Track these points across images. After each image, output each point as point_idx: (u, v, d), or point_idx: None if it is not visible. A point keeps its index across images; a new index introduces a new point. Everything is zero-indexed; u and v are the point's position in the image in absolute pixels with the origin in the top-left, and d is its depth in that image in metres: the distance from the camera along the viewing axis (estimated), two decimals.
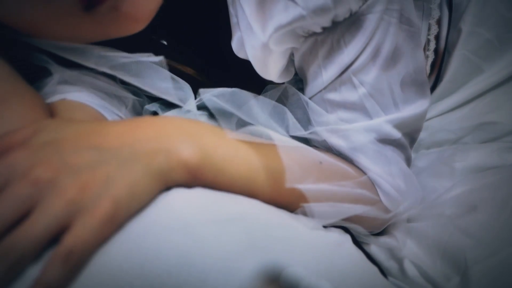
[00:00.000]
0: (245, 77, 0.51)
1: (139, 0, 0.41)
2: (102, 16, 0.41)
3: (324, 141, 0.48)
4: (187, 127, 0.38)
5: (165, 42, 0.59)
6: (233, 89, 0.48)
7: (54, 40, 0.45)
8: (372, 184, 0.48)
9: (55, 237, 0.29)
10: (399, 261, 0.48)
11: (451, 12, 0.62)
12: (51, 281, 0.28)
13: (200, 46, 0.58)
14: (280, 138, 0.43)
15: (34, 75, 0.48)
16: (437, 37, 0.63)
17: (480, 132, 0.64)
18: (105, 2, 0.40)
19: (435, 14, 0.61)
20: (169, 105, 0.51)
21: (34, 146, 0.32)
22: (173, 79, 0.51)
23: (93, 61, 0.46)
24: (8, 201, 0.29)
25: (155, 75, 0.48)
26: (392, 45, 0.46)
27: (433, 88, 0.66)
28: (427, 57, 0.63)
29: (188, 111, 0.50)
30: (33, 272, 0.28)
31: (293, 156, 0.42)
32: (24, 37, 0.44)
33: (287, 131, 0.49)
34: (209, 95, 0.46)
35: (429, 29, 0.61)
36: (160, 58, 0.48)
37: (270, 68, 0.47)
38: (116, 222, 0.31)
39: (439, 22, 0.62)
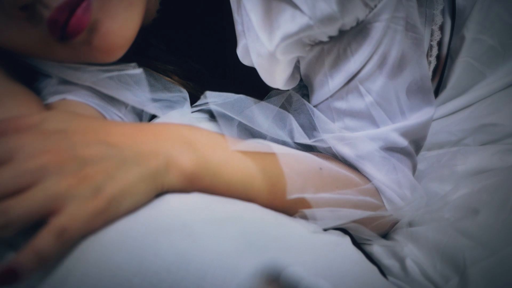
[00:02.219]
0: (248, 83, 0.51)
1: (108, 36, 0.42)
2: (76, 46, 0.42)
3: (330, 148, 0.48)
4: (185, 133, 0.39)
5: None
6: (239, 95, 0.48)
7: (37, 59, 0.47)
8: (376, 191, 0.48)
9: (44, 217, 0.30)
10: (401, 260, 0.48)
11: (454, 18, 0.62)
12: (42, 248, 0.29)
13: (202, 53, 0.58)
14: (279, 147, 0.43)
15: (34, 76, 0.49)
16: (439, 43, 0.63)
17: (480, 134, 0.64)
18: (77, 36, 0.41)
19: (438, 20, 0.61)
20: (169, 107, 0.51)
21: (44, 132, 0.34)
22: (166, 86, 0.51)
23: (76, 77, 0.47)
24: (13, 172, 0.31)
25: (135, 85, 0.49)
26: (398, 52, 0.46)
27: (435, 94, 0.66)
28: (429, 63, 0.63)
29: (187, 113, 0.50)
30: None
31: (292, 164, 0.42)
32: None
33: (291, 138, 0.49)
34: (212, 104, 0.46)
35: (431, 35, 0.61)
36: (140, 70, 0.48)
37: (276, 76, 0.47)
38: (106, 218, 0.32)
39: (441, 28, 0.62)
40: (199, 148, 0.38)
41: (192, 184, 0.37)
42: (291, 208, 0.42)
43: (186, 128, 0.40)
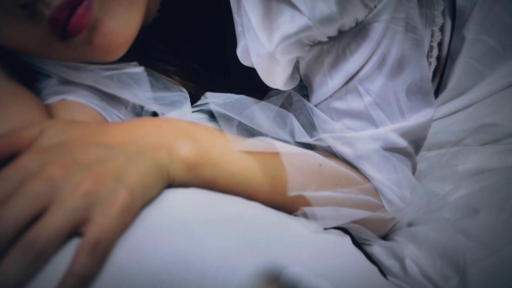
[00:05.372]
0: (248, 84, 0.51)
1: (109, 35, 0.42)
2: (77, 45, 0.42)
3: (329, 147, 0.49)
4: (184, 125, 0.39)
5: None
6: (240, 96, 0.48)
7: (37, 58, 0.47)
8: (376, 191, 0.48)
9: (74, 231, 0.30)
10: (401, 260, 0.48)
11: (454, 19, 0.62)
12: (81, 271, 0.28)
13: (202, 53, 0.58)
14: (280, 145, 0.43)
15: (34, 77, 0.49)
16: (440, 44, 0.63)
17: (480, 134, 0.65)
18: (77, 35, 0.41)
19: (439, 21, 0.61)
20: (169, 105, 0.51)
21: (43, 149, 0.33)
22: (166, 86, 0.51)
23: (77, 76, 0.47)
24: (24, 198, 0.30)
25: (135, 85, 0.49)
26: (398, 53, 0.46)
27: (435, 94, 0.66)
28: (430, 64, 0.63)
29: (187, 113, 0.50)
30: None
31: (292, 161, 0.42)
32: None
33: (292, 137, 0.49)
34: (212, 104, 0.46)
35: (432, 36, 0.61)
36: (141, 69, 0.49)
37: (276, 76, 0.47)
38: (133, 211, 0.32)
39: (442, 29, 0.62)
40: (199, 139, 0.38)
41: (195, 174, 0.37)
42: (291, 204, 0.42)
43: (185, 122, 0.40)
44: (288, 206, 0.42)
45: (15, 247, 0.28)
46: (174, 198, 0.35)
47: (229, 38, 0.49)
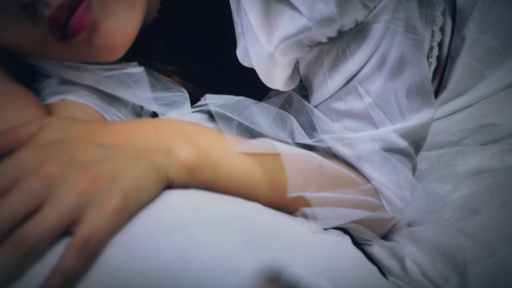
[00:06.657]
0: (248, 84, 0.51)
1: (109, 35, 0.43)
2: (77, 46, 0.42)
3: (329, 148, 0.49)
4: (183, 127, 0.39)
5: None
6: (239, 97, 0.48)
7: (37, 58, 0.47)
8: (376, 192, 0.48)
9: (66, 230, 0.30)
10: (401, 260, 0.48)
11: (455, 19, 0.62)
12: (68, 269, 0.28)
13: (202, 53, 0.59)
14: (280, 146, 0.43)
15: (34, 77, 0.49)
16: (440, 44, 0.63)
17: (480, 134, 0.65)
18: (77, 36, 0.41)
19: (439, 21, 0.61)
20: (169, 105, 0.52)
21: (42, 145, 0.33)
22: (166, 86, 0.51)
23: (77, 76, 0.47)
24: (19, 195, 0.30)
25: (135, 85, 0.49)
26: (398, 54, 0.46)
27: (435, 95, 0.66)
28: (430, 64, 0.63)
29: (187, 113, 0.51)
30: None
31: (292, 162, 0.42)
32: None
33: (292, 138, 0.49)
34: (212, 104, 0.47)
35: (432, 36, 0.61)
36: (141, 69, 0.49)
37: (275, 77, 0.47)
38: (126, 214, 0.32)
39: (442, 29, 0.62)
40: (199, 141, 0.38)
41: (194, 177, 0.37)
42: (291, 205, 0.42)
43: (185, 123, 0.40)
44: (288, 207, 0.42)
45: (6, 243, 0.28)
46: (174, 198, 0.35)
47: (228, 39, 0.49)
